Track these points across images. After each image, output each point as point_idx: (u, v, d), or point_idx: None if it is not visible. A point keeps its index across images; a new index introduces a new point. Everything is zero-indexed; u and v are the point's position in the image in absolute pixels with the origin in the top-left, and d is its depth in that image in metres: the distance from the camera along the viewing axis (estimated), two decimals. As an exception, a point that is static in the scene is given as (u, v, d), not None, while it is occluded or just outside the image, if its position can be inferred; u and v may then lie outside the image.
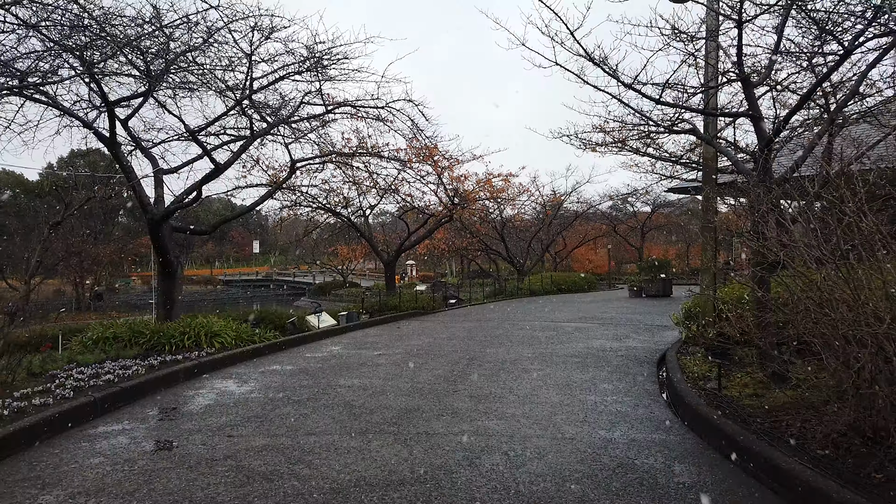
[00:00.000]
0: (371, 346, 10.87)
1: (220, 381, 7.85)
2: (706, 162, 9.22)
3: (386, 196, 18.03)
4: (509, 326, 13.54)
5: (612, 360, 8.99)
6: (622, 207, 41.11)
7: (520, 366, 8.53)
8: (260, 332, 10.98)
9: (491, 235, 28.78)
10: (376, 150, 13.49)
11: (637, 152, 13.77)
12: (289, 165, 13.35)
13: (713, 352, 8.06)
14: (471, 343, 10.94)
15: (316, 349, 10.64)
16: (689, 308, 9.88)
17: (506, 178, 19.90)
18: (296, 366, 8.87)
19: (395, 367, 8.52)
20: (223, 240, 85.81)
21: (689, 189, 18.76)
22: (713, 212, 9.22)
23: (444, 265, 48.64)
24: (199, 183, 10.06)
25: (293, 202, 17.11)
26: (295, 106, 11.08)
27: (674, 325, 13.03)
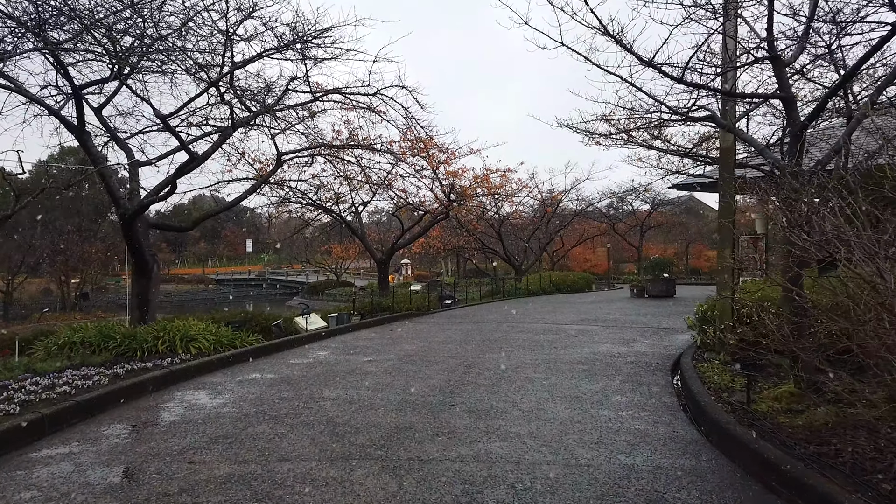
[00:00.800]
0: (361, 350, 10.13)
1: (192, 392, 7.10)
2: (723, 153, 8.51)
3: (379, 192, 17.29)
4: (508, 329, 12.82)
5: (621, 368, 8.28)
6: (619, 206, 40.44)
7: (522, 374, 7.81)
8: (242, 336, 10.23)
9: (488, 234, 28.06)
10: (368, 143, 12.75)
11: (644, 145, 13.08)
12: (275, 159, 12.59)
13: (737, 360, 7.36)
14: (468, 348, 10.21)
15: (302, 354, 9.89)
16: (705, 310, 9.17)
17: (504, 173, 19.23)
18: (278, 374, 8.12)
19: (386, 376, 7.79)
20: (216, 238, 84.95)
21: (694, 185, 18.07)
22: (731, 207, 8.51)
23: (440, 264, 47.91)
24: (173, 176, 9.31)
25: (282, 198, 16.35)
26: (279, 93, 10.33)
27: (683, 328, 12.36)
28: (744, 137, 7.69)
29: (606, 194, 35.03)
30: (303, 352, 10.19)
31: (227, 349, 9.50)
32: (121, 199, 9.40)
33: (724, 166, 8.52)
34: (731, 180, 8.51)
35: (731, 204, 8.53)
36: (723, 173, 8.54)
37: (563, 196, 26.73)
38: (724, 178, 8.50)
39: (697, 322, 8.98)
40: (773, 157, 6.52)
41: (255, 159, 14.03)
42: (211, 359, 8.66)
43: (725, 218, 8.52)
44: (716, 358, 8.24)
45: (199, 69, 8.00)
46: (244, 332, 10.55)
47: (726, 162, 8.50)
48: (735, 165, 13.79)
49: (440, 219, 18.23)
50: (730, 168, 8.49)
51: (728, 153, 8.49)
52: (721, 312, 8.39)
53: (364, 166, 13.92)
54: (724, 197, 8.52)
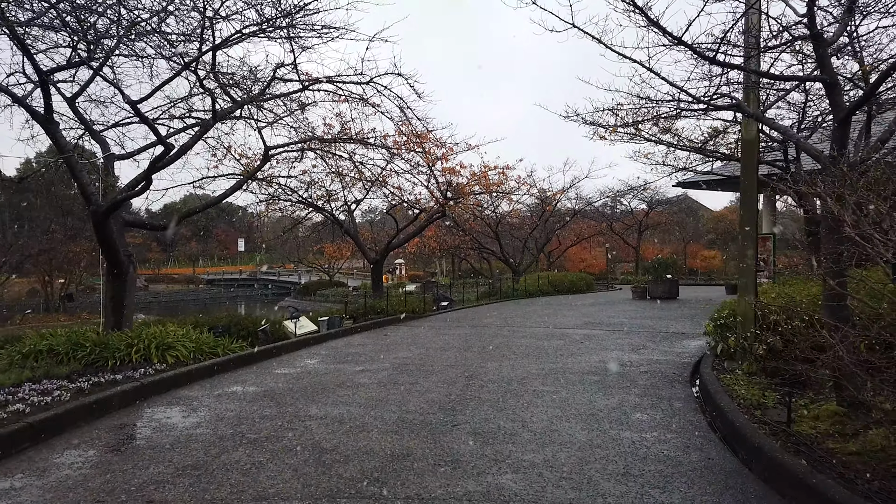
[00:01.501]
0: (353, 358, 9.43)
1: (164, 409, 6.38)
2: (745, 146, 7.86)
3: (373, 190, 16.56)
4: (509, 334, 12.14)
5: (636, 379, 7.61)
6: (613, 206, 39.82)
7: (529, 387, 7.12)
8: (225, 343, 9.50)
9: (484, 233, 27.37)
10: (361, 137, 12.03)
11: (652, 140, 12.44)
12: (263, 153, 11.87)
13: (766, 372, 6.71)
14: (468, 355, 9.52)
15: (289, 363, 9.18)
16: (723, 316, 8.51)
17: (503, 170, 18.53)
18: (261, 386, 7.41)
19: (379, 389, 7.09)
20: (207, 238, 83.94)
21: (700, 183, 17.46)
22: (755, 203, 7.85)
23: (435, 264, 47.20)
24: (147, 170, 8.57)
25: (271, 196, 15.62)
26: (266, 81, 9.61)
27: (692, 333, 11.73)
28: (775, 126, 7.04)
29: (606, 193, 34.46)
30: (290, 360, 9.48)
31: (208, 357, 8.78)
32: (92, 194, 8.66)
33: (747, 159, 7.86)
34: (754, 174, 7.86)
35: (755, 200, 7.88)
36: (745, 167, 7.89)
37: (562, 194, 26.08)
38: (747, 172, 7.85)
39: (717, 328, 8.29)
40: (810, 147, 5.86)
41: (242, 154, 13.31)
42: (189, 369, 7.95)
43: (748, 215, 7.86)
44: (738, 368, 7.59)
45: (174, 49, 7.26)
46: (227, 339, 9.83)
47: (749, 155, 7.84)
48: (738, 160, 13.21)
49: (436, 218, 17.53)
50: (753, 161, 7.83)
51: (751, 146, 7.83)
52: (744, 318, 7.73)
53: (357, 162, 13.23)
54: (748, 193, 7.87)
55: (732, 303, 9.17)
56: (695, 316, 14.76)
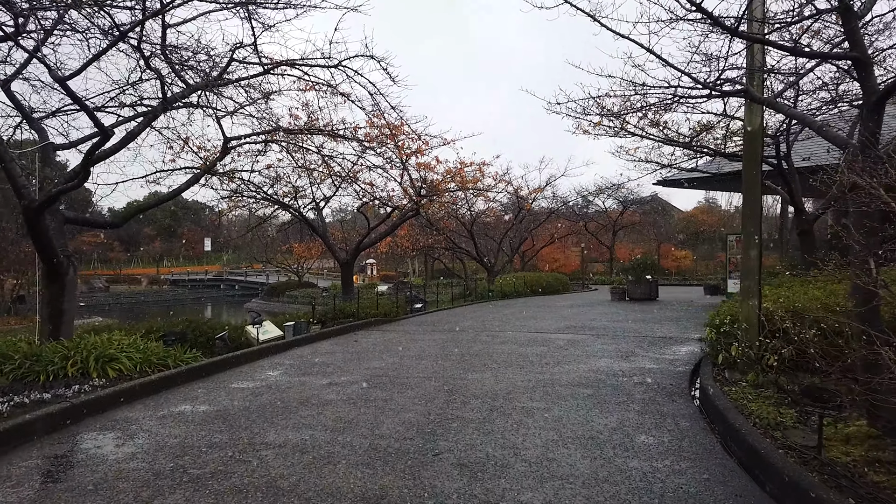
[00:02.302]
0: (320, 369, 8.58)
1: (96, 435, 5.47)
2: (749, 138, 7.24)
3: (343, 186, 15.66)
4: (489, 339, 11.40)
5: (631, 392, 6.93)
6: (584, 207, 39.45)
7: (517, 402, 6.38)
8: (177, 353, 8.58)
9: (459, 232, 26.62)
10: (330, 129, 11.16)
11: (638, 134, 11.84)
12: (222, 145, 10.94)
13: (780, 388, 6.07)
14: (446, 364, 8.75)
15: (249, 375, 8.30)
16: (727, 322, 7.90)
17: (479, 166, 17.79)
18: (213, 405, 6.53)
19: (349, 408, 6.27)
20: (172, 237, 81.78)
21: (682, 181, 16.97)
22: (758, 198, 7.23)
23: (407, 264, 46.35)
24: (83, 161, 7.60)
25: (233, 192, 14.62)
26: (223, 63, 8.70)
27: (680, 337, 11.16)
28: (790, 113, 6.42)
29: (582, 192, 34.06)
30: (250, 371, 8.59)
31: (156, 370, 7.86)
32: (23, 187, 7.66)
33: (750, 152, 7.24)
34: (757, 168, 7.25)
35: (759, 196, 7.26)
36: (748, 161, 7.27)
37: (539, 192, 25.40)
38: (750, 166, 7.23)
39: (719, 336, 7.65)
40: (834, 135, 5.23)
41: (201, 147, 12.30)
42: (133, 384, 7.02)
43: (751, 213, 7.25)
44: (743, 379, 6.97)
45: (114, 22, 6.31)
46: (180, 348, 8.90)
47: (752, 148, 7.22)
48: (725, 155, 12.68)
49: (410, 216, 16.70)
50: (756, 154, 7.22)
51: (755, 138, 7.21)
52: (749, 325, 7.10)
53: (326, 156, 12.33)
54: (750, 188, 7.25)
55: (732, 306, 8.58)
56: (679, 319, 14.23)
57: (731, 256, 17.43)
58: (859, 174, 4.30)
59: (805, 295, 8.00)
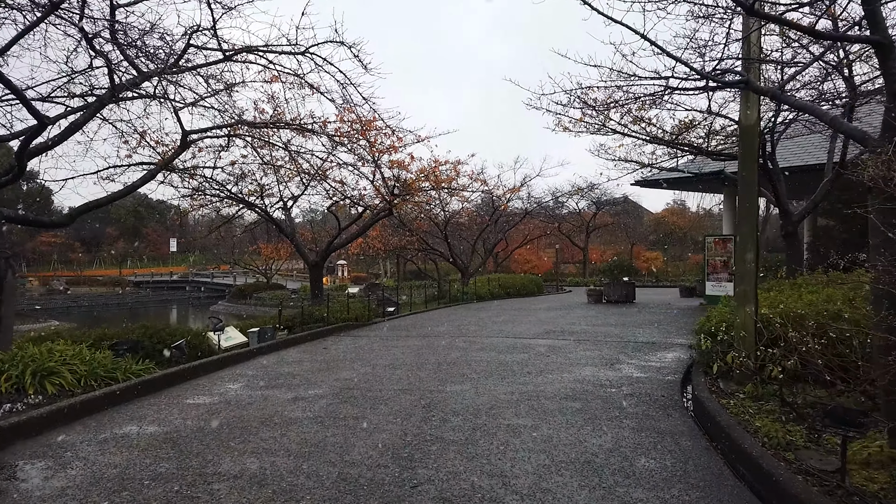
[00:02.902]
0: (285, 381, 7.92)
1: (23, 465, 4.76)
2: (745, 132, 6.80)
3: (312, 185, 14.95)
4: (465, 346, 10.85)
5: (622, 405, 6.44)
6: (556, 207, 39.24)
7: (501, 419, 5.83)
8: (127, 365, 7.84)
9: (432, 233, 26.03)
10: (298, 123, 10.48)
11: (620, 132, 11.41)
12: (180, 139, 10.20)
13: (783, 401, 5.61)
14: (422, 374, 8.17)
15: (206, 389, 7.60)
16: (717, 327, 7.47)
17: (454, 165, 17.24)
18: (163, 425, 5.84)
19: (316, 428, 5.64)
20: (136, 237, 79.72)
21: (661, 182, 16.65)
22: (754, 196, 6.80)
23: (379, 265, 45.60)
24: (18, 154, 6.83)
25: (195, 190, 13.81)
26: (180, 49, 7.99)
27: (663, 342, 10.74)
28: (799, 105, 5.98)
29: (557, 192, 33.79)
30: (209, 384, 7.89)
31: (103, 384, 7.13)
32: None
33: (747, 148, 6.80)
34: (754, 165, 6.82)
35: (755, 195, 6.83)
36: (744, 157, 6.84)
37: (515, 192, 24.87)
38: (747, 163, 6.80)
39: (714, 344, 7.19)
40: (853, 129, 4.79)
41: (159, 141, 11.52)
42: (74, 402, 6.30)
43: (748, 212, 6.81)
44: (739, 391, 6.54)
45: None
46: (130, 359, 8.15)
47: (749, 143, 6.79)
48: (709, 153, 12.33)
49: (382, 216, 16.07)
50: (753, 150, 6.79)
51: (751, 133, 6.78)
52: (746, 333, 6.66)
53: (293, 151, 11.64)
54: (747, 186, 6.81)
55: (722, 311, 8.17)
56: (660, 323, 13.87)
57: (709, 258, 17.19)
58: (889, 167, 3.86)
59: (800, 300, 7.61)
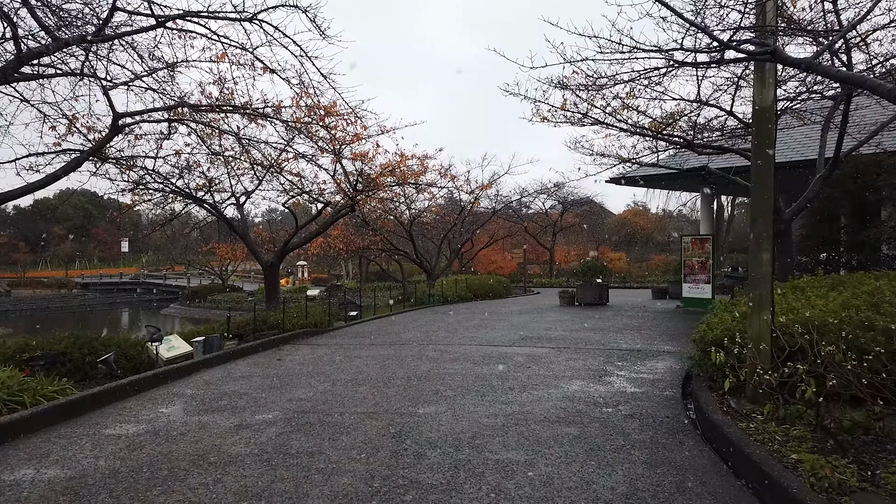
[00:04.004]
0: (229, 402, 6.79)
1: None
2: (759, 115, 5.97)
3: (267, 179, 13.73)
4: (437, 355, 9.84)
5: (625, 430, 5.53)
6: (519, 207, 38.57)
7: (488, 453, 4.85)
8: (39, 386, 6.60)
9: (397, 233, 24.94)
10: (249, 107, 9.32)
11: (602, 123, 10.56)
12: (112, 122, 8.95)
13: (828, 431, 4.76)
14: (390, 392, 7.13)
15: (133, 414, 6.42)
16: (717, 335, 6.63)
17: (422, 159, 16.21)
18: (67, 468, 4.68)
19: (260, 469, 4.56)
20: (85, 237, 76.45)
21: (637, 179, 15.93)
22: (769, 190, 5.97)
23: (340, 266, 44.23)
24: None
25: (135, 183, 12.45)
26: (105, 12, 6.78)
27: (647, 349, 9.93)
28: (842, 77, 5.12)
29: (525, 192, 33.07)
30: (138, 407, 6.70)
31: (6, 411, 5.90)
32: None
33: (761, 133, 5.97)
34: (770, 151, 5.99)
35: (771, 186, 6.00)
36: (758, 143, 6.01)
37: (484, 190, 23.88)
38: (761, 149, 5.97)
39: (725, 355, 6.31)
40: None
41: (91, 128, 10.18)
42: (-44, 437, 5.08)
43: (762, 205, 5.98)
44: (756, 411, 5.70)
45: None
46: (44, 378, 6.90)
47: (764, 128, 5.96)
48: (695, 146, 11.59)
49: (344, 213, 14.92)
50: (768, 136, 5.96)
51: (766, 115, 5.95)
52: (763, 344, 5.82)
53: (244, 138, 10.44)
54: (761, 177, 5.98)
55: (724, 318, 7.33)
56: (640, 327, 13.10)
57: (686, 259, 16.56)
58: None
59: (812, 306, 6.83)
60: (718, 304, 9.14)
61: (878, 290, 6.67)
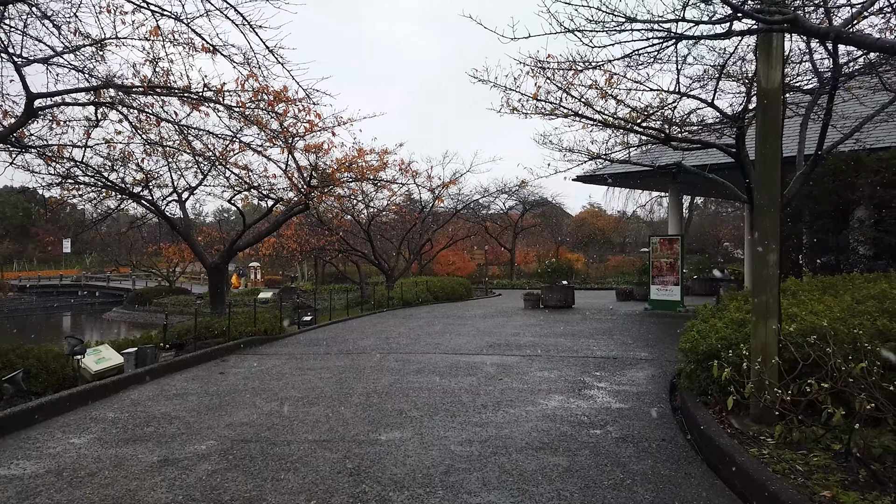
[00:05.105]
0: (156, 429, 5.79)
1: None
2: (765, 100, 5.32)
3: (213, 172, 12.61)
4: (398, 366, 8.98)
5: (620, 457, 4.79)
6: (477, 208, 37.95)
7: (465, 495, 4.02)
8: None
9: (354, 233, 23.91)
10: (187, 90, 8.27)
11: (573, 114, 9.88)
12: (29, 104, 7.81)
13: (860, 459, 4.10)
14: (347, 413, 6.23)
15: (35, 446, 5.36)
16: (710, 346, 5.97)
17: (381, 154, 15.24)
18: (-70, 530, 3.67)
19: (183, 524, 3.64)
20: (25, 237, 72.67)
21: (605, 177, 15.36)
22: (776, 182, 5.32)
23: (295, 267, 42.80)
24: None
25: (64, 177, 11.19)
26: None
27: (622, 356, 9.28)
28: (880, 46, 4.46)
29: (486, 192, 32.47)
30: (44, 436, 5.63)
31: None
32: None
33: (768, 121, 5.32)
34: (777, 140, 5.35)
35: (777, 178, 5.35)
36: (763, 132, 5.35)
37: (451, 185, 22.96)
38: (767, 138, 5.32)
39: (730, 371, 5.62)
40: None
41: (7, 112, 8.97)
42: None
43: (769, 199, 5.32)
44: (764, 432, 5.04)
45: None
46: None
47: (771, 114, 5.31)
48: (671, 139, 11.02)
49: (297, 210, 13.88)
50: (776, 123, 5.32)
51: (773, 100, 5.30)
52: (769, 356, 5.16)
53: (182, 126, 9.33)
54: (767, 168, 5.33)
55: (715, 324, 6.66)
56: (611, 331, 12.49)
57: (654, 260, 16.09)
58: None
59: (808, 311, 6.25)
60: (702, 309, 8.53)
61: (886, 295, 6.11)
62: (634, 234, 61.63)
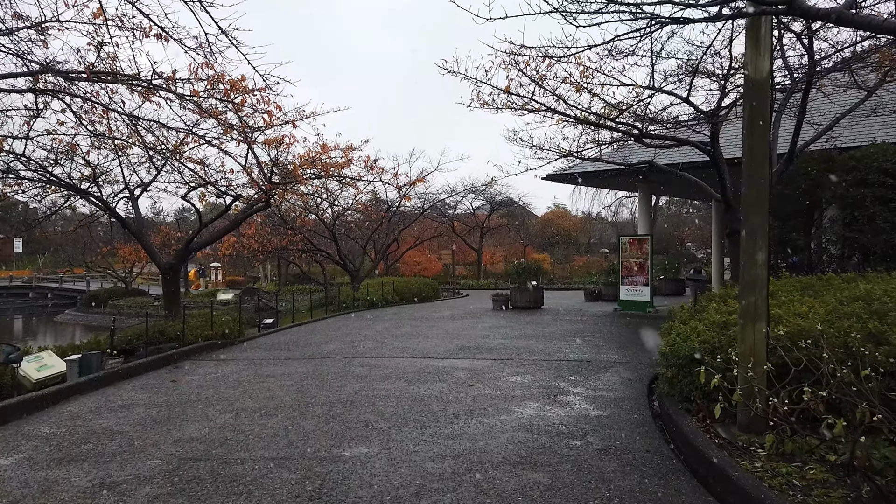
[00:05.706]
0: (95, 447, 5.24)
1: None
2: (755, 87, 5.04)
3: (167, 168, 11.94)
4: (364, 372, 8.52)
5: (604, 472, 4.45)
6: (444, 208, 37.61)
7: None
8: None
9: (318, 232, 23.26)
10: (135, 76, 7.67)
11: (546, 109, 9.56)
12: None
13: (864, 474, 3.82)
14: (308, 426, 5.76)
15: (-44, 468, 4.77)
16: (692, 350, 5.69)
17: (346, 150, 14.69)
18: None
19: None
20: (-28, 236, 69.67)
21: (575, 175, 15.13)
22: (763, 179, 5.04)
23: (257, 268, 41.78)
24: None
25: (3, 171, 10.41)
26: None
27: (595, 359, 8.98)
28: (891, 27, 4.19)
29: (453, 191, 32.11)
30: (-35, 458, 5.03)
31: None
32: None
33: (755, 113, 5.04)
34: (764, 134, 5.08)
35: (765, 174, 5.08)
36: (750, 125, 5.08)
37: (420, 183, 22.43)
38: (755, 132, 5.05)
39: (720, 379, 5.31)
40: None
41: (-64, 99, 8.24)
42: None
43: (757, 195, 5.05)
44: (754, 442, 4.76)
45: None
46: None
47: (758, 108, 5.03)
48: (644, 136, 10.80)
49: (258, 208, 13.26)
50: (763, 115, 5.04)
51: (760, 92, 5.03)
52: (758, 361, 4.88)
53: (131, 116, 8.71)
54: (755, 162, 5.06)
55: (699, 329, 6.38)
56: (581, 333, 12.23)
57: (623, 260, 15.92)
58: None
59: (792, 312, 6.01)
60: (679, 310, 8.29)
61: (872, 296, 5.90)
62: (600, 235, 62.05)
